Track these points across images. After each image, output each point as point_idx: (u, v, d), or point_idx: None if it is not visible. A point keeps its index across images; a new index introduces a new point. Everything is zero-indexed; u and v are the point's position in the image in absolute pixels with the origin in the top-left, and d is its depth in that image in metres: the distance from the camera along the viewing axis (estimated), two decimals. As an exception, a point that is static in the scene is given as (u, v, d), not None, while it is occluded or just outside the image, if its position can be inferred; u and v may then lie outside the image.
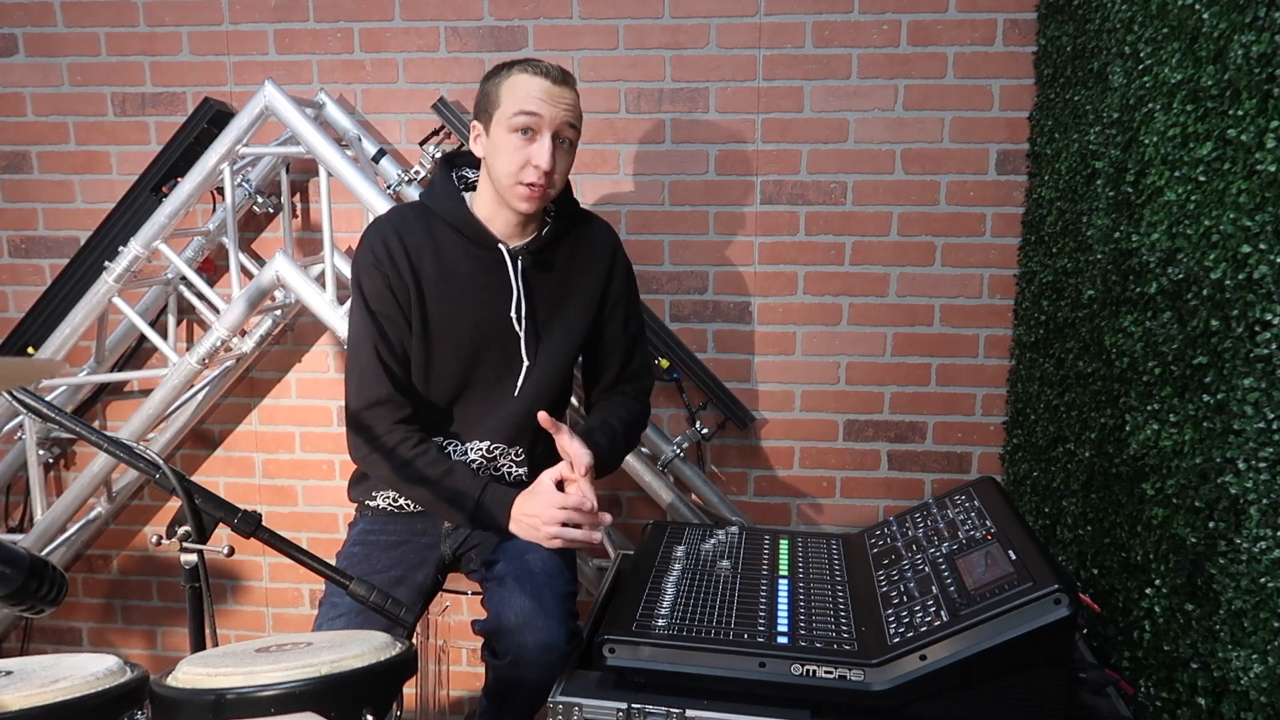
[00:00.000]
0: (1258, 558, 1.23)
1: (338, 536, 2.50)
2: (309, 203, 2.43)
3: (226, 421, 2.55)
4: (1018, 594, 1.28)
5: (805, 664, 1.31)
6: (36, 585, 1.07)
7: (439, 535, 1.76)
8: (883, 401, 2.38)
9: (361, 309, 1.66)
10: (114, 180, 2.44)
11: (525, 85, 1.58)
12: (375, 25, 2.33)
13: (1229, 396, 1.30)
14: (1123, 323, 1.64)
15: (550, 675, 1.46)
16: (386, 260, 1.64)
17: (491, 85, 1.62)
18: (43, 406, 1.19)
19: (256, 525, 1.25)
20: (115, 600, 2.66)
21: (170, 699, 1.05)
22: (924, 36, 2.22)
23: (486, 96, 1.63)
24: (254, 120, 2.11)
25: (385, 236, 1.66)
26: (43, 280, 2.47)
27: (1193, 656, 1.37)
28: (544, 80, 1.58)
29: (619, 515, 2.47)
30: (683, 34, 2.27)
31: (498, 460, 1.75)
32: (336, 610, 1.59)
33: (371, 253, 1.65)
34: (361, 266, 1.67)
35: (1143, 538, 1.54)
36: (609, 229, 1.82)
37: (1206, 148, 1.37)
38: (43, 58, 2.41)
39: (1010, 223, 2.27)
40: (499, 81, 1.61)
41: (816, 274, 2.34)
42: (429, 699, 2.32)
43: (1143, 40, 1.59)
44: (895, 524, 1.72)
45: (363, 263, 1.67)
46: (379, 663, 1.11)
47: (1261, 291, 1.24)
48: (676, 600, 1.48)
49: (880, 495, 2.42)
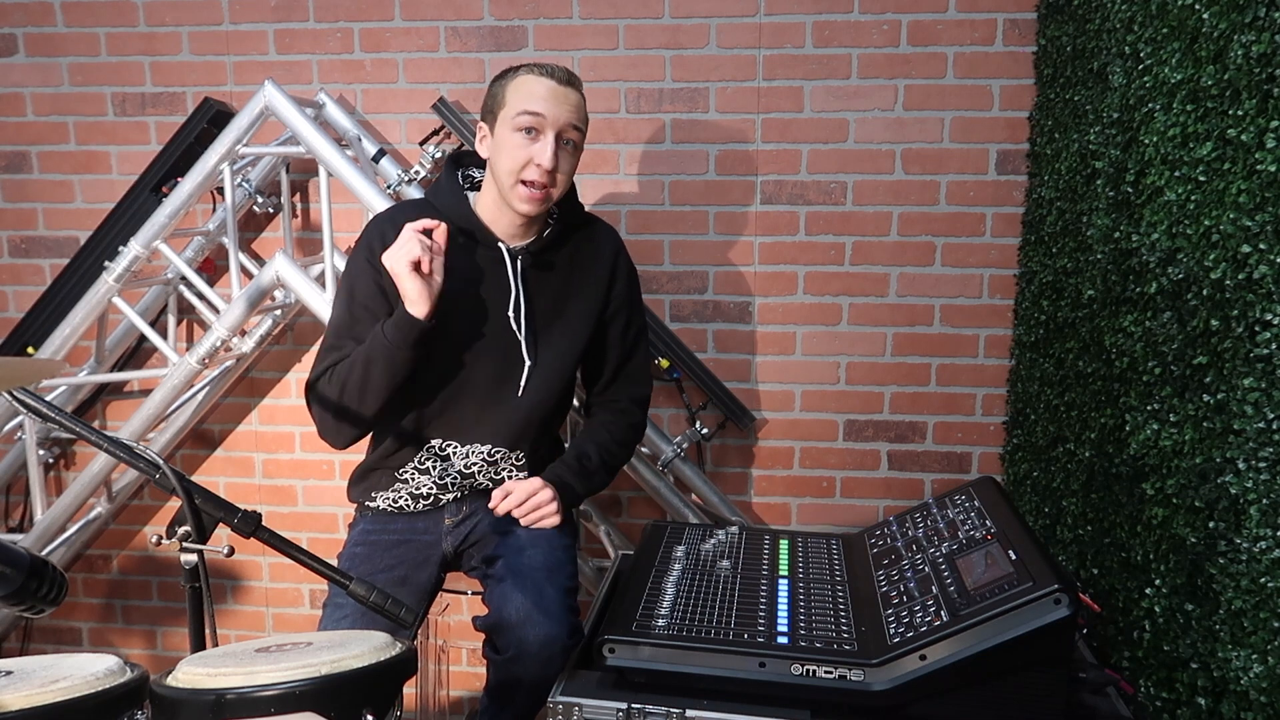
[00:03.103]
0: (1258, 558, 1.23)
1: (338, 536, 2.50)
2: (309, 203, 2.43)
3: (226, 421, 2.55)
4: (1018, 594, 1.28)
5: (805, 664, 1.31)
6: (36, 585, 1.07)
7: (440, 532, 1.76)
8: (883, 401, 2.38)
9: (344, 301, 1.68)
10: (114, 180, 2.44)
11: (530, 85, 1.60)
12: (375, 25, 2.33)
13: (1229, 396, 1.30)
14: (1123, 323, 1.64)
15: (551, 671, 1.47)
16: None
17: (498, 86, 1.64)
18: (43, 406, 1.18)
19: (256, 525, 1.25)
20: (115, 600, 2.66)
21: (170, 699, 1.05)
22: (924, 36, 2.22)
23: (493, 97, 1.64)
24: (254, 120, 2.11)
25: (385, 232, 1.66)
26: (43, 280, 2.47)
27: (1193, 656, 1.37)
28: (549, 80, 1.60)
29: (619, 515, 2.47)
30: (683, 34, 2.27)
31: (499, 465, 1.75)
32: (341, 611, 1.59)
33: (369, 247, 1.66)
34: (356, 261, 1.68)
35: (1143, 538, 1.54)
36: (612, 232, 1.82)
37: (1206, 148, 1.37)
38: (43, 58, 2.41)
39: (1010, 223, 2.27)
40: (505, 82, 1.63)
41: (816, 274, 2.34)
42: (429, 699, 2.32)
43: (1143, 40, 1.59)
44: (895, 524, 1.72)
45: (359, 258, 1.68)
46: (379, 663, 1.11)
47: (1261, 291, 1.24)
48: (676, 600, 1.48)
49: (880, 495, 2.42)
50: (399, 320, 1.57)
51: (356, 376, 1.60)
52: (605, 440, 1.78)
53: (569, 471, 1.71)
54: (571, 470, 1.72)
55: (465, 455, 1.73)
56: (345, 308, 1.68)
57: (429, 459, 1.74)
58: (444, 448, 1.73)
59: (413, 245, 1.53)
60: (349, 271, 1.69)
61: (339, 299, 1.70)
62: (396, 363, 1.58)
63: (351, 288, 1.68)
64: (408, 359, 1.59)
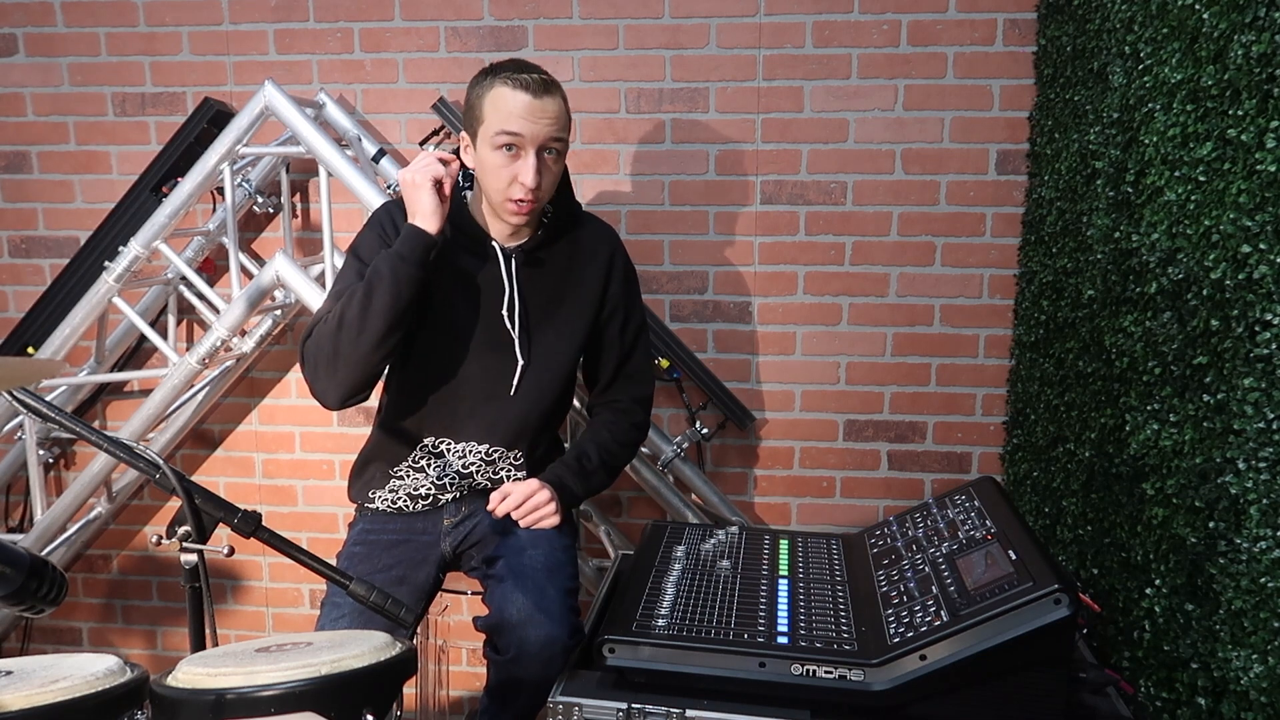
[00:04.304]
0: (1258, 558, 1.23)
1: (338, 536, 2.50)
2: (309, 203, 2.43)
3: (226, 421, 2.55)
4: (1018, 594, 1.28)
5: (805, 664, 1.31)
6: (36, 585, 1.07)
7: (439, 533, 1.76)
8: (883, 401, 2.38)
9: (353, 266, 1.65)
10: (114, 180, 2.44)
11: (507, 102, 1.55)
12: (375, 25, 2.33)
13: (1229, 396, 1.30)
14: (1123, 323, 1.64)
15: (552, 671, 1.47)
16: (395, 236, 1.64)
17: (475, 96, 1.60)
18: (43, 406, 1.19)
19: (256, 525, 1.25)
20: (115, 600, 2.66)
21: (170, 699, 1.05)
22: (924, 36, 2.22)
23: (471, 108, 1.61)
24: (254, 120, 2.11)
25: (394, 216, 1.67)
26: (43, 280, 2.47)
27: (1193, 656, 1.37)
28: (525, 95, 1.54)
29: (619, 515, 2.47)
30: (683, 34, 2.27)
31: (496, 464, 1.75)
32: (339, 611, 1.60)
33: (380, 225, 1.67)
34: (368, 237, 1.67)
35: (1143, 538, 1.54)
36: (608, 229, 1.81)
37: (1206, 148, 1.37)
38: (43, 58, 2.41)
39: (1010, 223, 2.27)
40: (482, 93, 1.59)
41: (816, 274, 2.34)
42: (429, 699, 2.32)
43: (1143, 40, 1.59)
44: (895, 524, 1.72)
45: (370, 234, 1.68)
46: (379, 663, 1.11)
47: (1261, 291, 1.24)
48: (676, 600, 1.48)
49: (880, 495, 2.42)
50: (408, 233, 1.56)
51: (358, 302, 1.54)
52: (606, 440, 1.78)
53: (568, 472, 1.71)
54: (571, 470, 1.72)
55: (461, 454, 1.73)
56: (354, 272, 1.64)
57: (423, 457, 1.74)
58: (438, 445, 1.73)
59: (435, 164, 1.57)
60: (357, 246, 1.68)
61: (346, 267, 1.67)
62: (401, 281, 1.53)
63: (359, 257, 1.66)
64: (412, 278, 1.54)
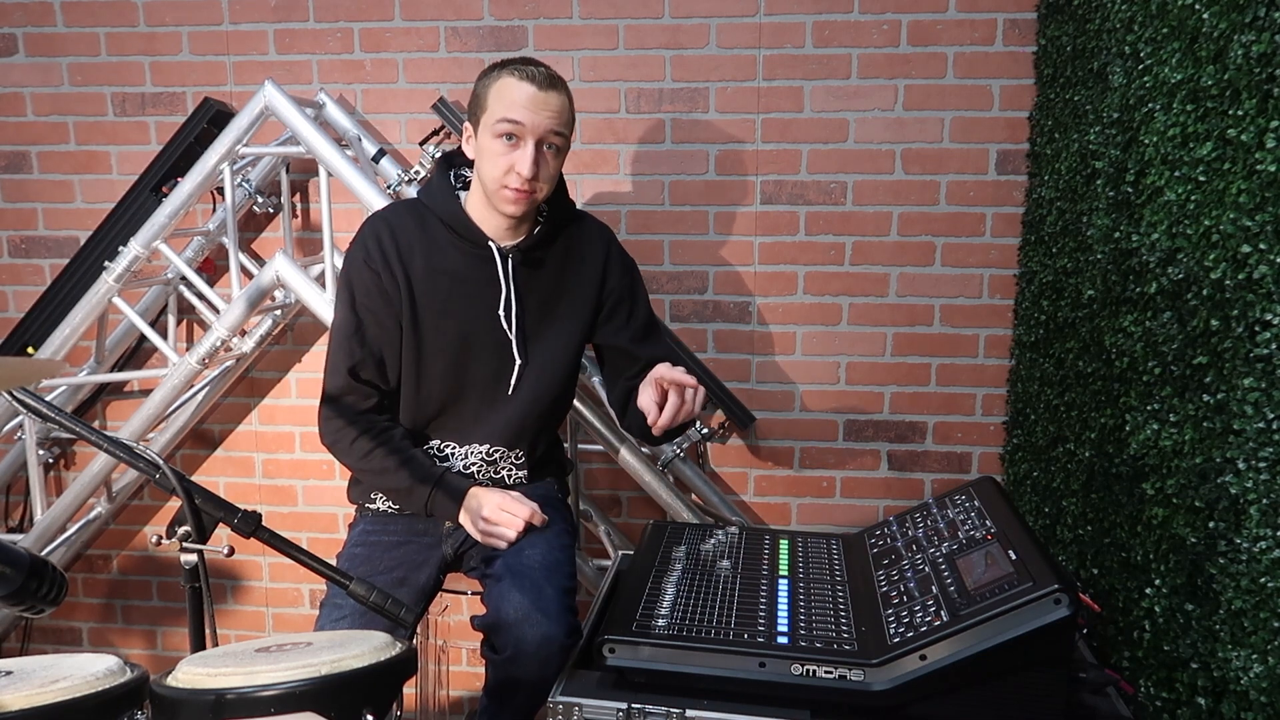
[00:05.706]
0: (1258, 558, 1.23)
1: (338, 536, 2.50)
2: (309, 203, 2.43)
3: (226, 421, 2.55)
4: (1018, 594, 1.28)
5: (805, 664, 1.31)
6: (36, 585, 1.07)
7: (440, 535, 1.76)
8: (883, 401, 2.38)
9: (347, 303, 1.68)
10: (114, 180, 2.44)
11: (511, 91, 1.57)
12: (375, 25, 2.33)
13: (1229, 396, 1.30)
14: (1123, 323, 1.64)
15: (550, 670, 1.47)
16: (379, 258, 1.65)
17: (481, 87, 1.62)
18: (43, 406, 1.19)
19: (256, 525, 1.25)
20: (115, 600, 2.66)
21: (170, 699, 1.05)
22: (924, 36, 2.22)
23: (476, 99, 1.63)
24: (254, 120, 2.11)
25: (379, 233, 1.67)
26: (43, 280, 2.47)
27: (1193, 656, 1.37)
28: (529, 86, 1.57)
29: (619, 515, 2.47)
30: (683, 34, 2.27)
31: (498, 464, 1.75)
32: (339, 611, 1.59)
33: (365, 248, 1.67)
34: (353, 262, 1.68)
35: (1143, 538, 1.54)
36: (602, 227, 1.81)
37: (1206, 148, 1.37)
38: (43, 58, 2.41)
39: (1010, 223, 2.27)
40: (488, 84, 1.61)
41: (816, 274, 2.34)
42: (429, 699, 2.32)
43: (1143, 40, 1.59)
44: (895, 524, 1.72)
45: (355, 259, 1.68)
46: (379, 663, 1.11)
47: (1261, 291, 1.24)
48: (676, 600, 1.48)
49: (880, 495, 2.42)
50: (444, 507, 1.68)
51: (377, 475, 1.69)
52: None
53: None
54: None
55: (465, 456, 1.73)
56: (348, 309, 1.68)
57: None
58: (443, 449, 1.74)
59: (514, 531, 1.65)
60: (346, 274, 1.68)
61: (340, 302, 1.70)
62: (411, 503, 1.70)
63: (351, 289, 1.67)
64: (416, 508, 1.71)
